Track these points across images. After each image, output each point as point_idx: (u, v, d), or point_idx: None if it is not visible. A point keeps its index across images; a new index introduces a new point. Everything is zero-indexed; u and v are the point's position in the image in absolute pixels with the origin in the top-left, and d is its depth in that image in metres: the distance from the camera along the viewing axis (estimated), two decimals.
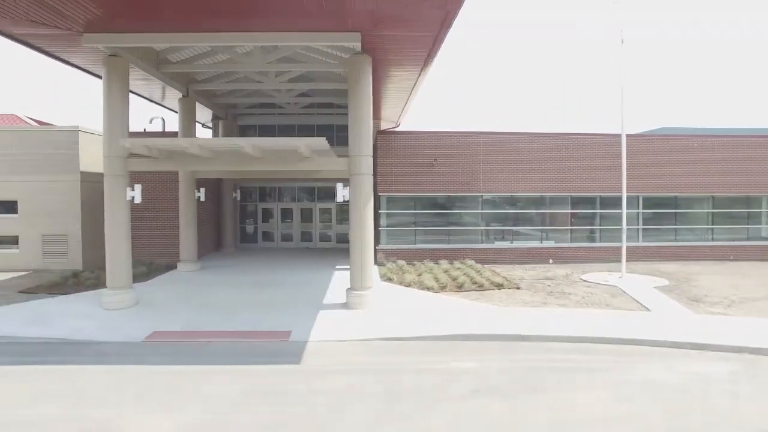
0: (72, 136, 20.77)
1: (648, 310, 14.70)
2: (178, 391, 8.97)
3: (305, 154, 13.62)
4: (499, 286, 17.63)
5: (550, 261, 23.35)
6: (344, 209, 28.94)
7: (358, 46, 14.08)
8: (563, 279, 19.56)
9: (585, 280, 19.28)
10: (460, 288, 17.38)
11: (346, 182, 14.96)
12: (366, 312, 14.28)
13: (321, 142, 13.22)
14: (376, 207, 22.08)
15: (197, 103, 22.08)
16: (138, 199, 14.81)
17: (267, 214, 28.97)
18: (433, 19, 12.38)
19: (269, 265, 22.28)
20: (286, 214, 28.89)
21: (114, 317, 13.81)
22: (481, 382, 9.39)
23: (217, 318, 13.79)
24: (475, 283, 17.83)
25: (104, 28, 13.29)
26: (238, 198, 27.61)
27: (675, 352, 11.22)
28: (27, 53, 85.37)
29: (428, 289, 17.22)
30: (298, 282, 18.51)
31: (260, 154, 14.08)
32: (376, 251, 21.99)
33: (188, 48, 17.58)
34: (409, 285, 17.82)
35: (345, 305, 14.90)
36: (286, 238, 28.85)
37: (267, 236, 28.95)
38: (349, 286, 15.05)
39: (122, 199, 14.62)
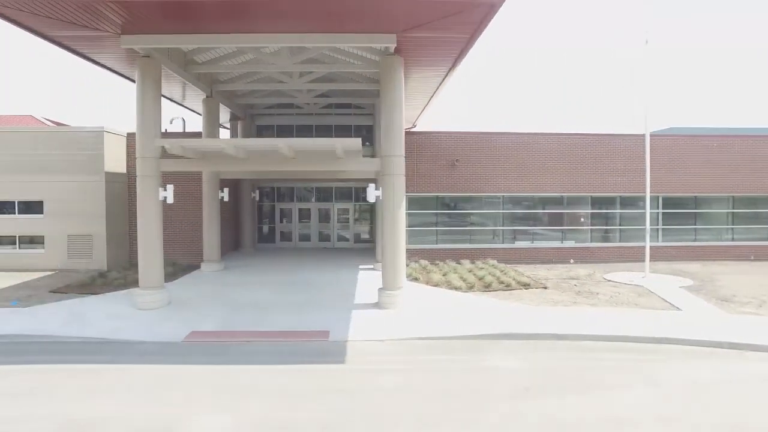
0: (97, 136, 20.85)
1: (679, 309, 14.74)
2: (232, 391, 9.02)
3: (340, 154, 13.68)
4: (526, 285, 17.69)
5: (571, 261, 23.39)
6: (362, 209, 29.09)
7: (391, 47, 14.14)
8: (587, 278, 19.61)
9: (609, 280, 19.32)
10: (487, 288, 17.43)
11: (370, 182, 15.01)
12: (398, 311, 14.34)
13: (356, 142, 13.30)
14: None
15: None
16: (170, 200, 14.88)
17: (284, 214, 29.05)
18: (472, 20, 12.44)
19: (292, 266, 22.35)
20: (304, 214, 28.97)
21: (149, 317, 13.88)
22: (529, 381, 9.44)
23: (251, 318, 13.86)
24: (502, 282, 17.89)
25: (142, 30, 13.37)
26: (257, 198, 27.69)
27: (716, 352, 11.25)
28: (40, 55, 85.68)
29: (456, 288, 17.29)
30: (324, 282, 18.57)
31: (294, 155, 14.15)
32: None
33: (215, 49, 17.65)
34: (436, 285, 17.88)
35: (377, 305, 14.96)
36: (304, 238, 28.92)
37: (284, 236, 29.02)
38: (381, 286, 15.11)
39: (155, 199, 14.68)
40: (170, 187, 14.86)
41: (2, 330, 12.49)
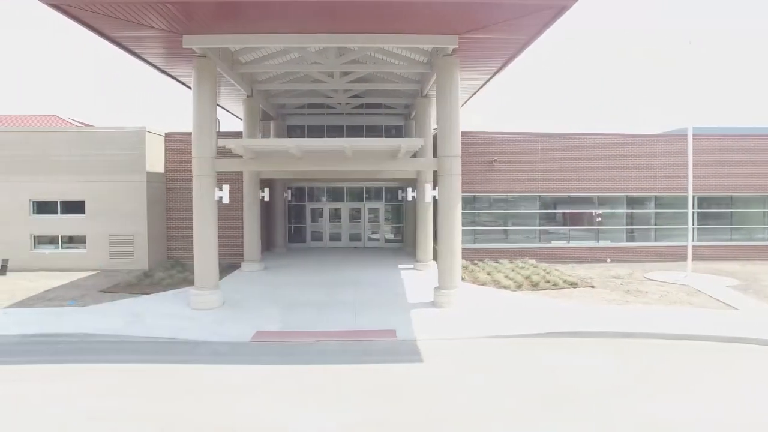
0: (139, 136, 20.88)
1: (735, 308, 14.68)
2: (321, 391, 9.00)
3: (401, 154, 13.69)
4: (574, 284, 17.68)
5: (608, 260, 23.35)
6: (392, 209, 29.08)
7: (450, 48, 14.15)
8: (629, 278, 19.58)
9: (652, 279, 19.28)
10: (535, 287, 17.42)
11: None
12: (456, 310, 14.34)
13: (419, 142, 13.31)
14: (436, 207, 22.14)
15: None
16: (226, 200, 14.88)
17: (315, 214, 29.08)
18: (537, 22, 12.45)
19: (331, 265, 22.36)
20: (335, 214, 28.99)
21: (208, 317, 13.89)
22: (617, 380, 9.42)
23: (310, 318, 13.85)
24: (549, 281, 17.88)
25: (203, 30, 13.40)
26: (289, 198, 27.72)
27: None
28: (57, 55, 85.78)
29: (504, 287, 17.28)
30: (370, 281, 18.56)
31: (352, 155, 14.16)
32: (435, 251, 22.10)
33: (261, 48, 17.69)
34: (483, 284, 17.88)
35: (432, 304, 14.96)
36: (335, 237, 28.94)
37: (314, 236, 29.04)
38: (437, 285, 15.11)
39: (211, 199, 14.69)
40: (226, 188, 14.88)
41: (71, 329, 12.53)
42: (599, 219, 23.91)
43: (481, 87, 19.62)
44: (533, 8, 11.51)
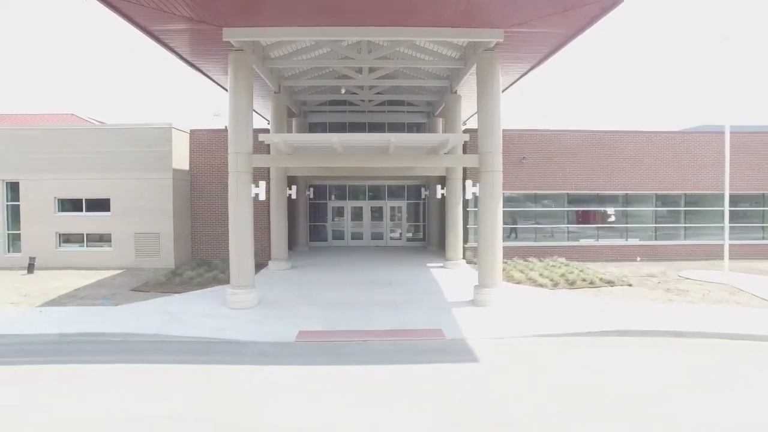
0: (165, 133, 20.61)
1: None
2: (383, 393, 8.68)
3: (446, 149, 13.39)
4: (611, 283, 17.35)
5: (638, 259, 23.01)
6: (415, 208, 28.80)
7: (493, 42, 13.84)
8: (663, 276, 19.22)
9: (687, 278, 18.93)
10: (572, 285, 17.10)
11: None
12: (498, 309, 14.03)
13: (463, 137, 13.02)
14: (464, 205, 21.87)
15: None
16: (262, 196, 14.64)
17: (337, 213, 28.81)
18: (587, 15, 12.14)
19: (357, 264, 22.07)
20: (356, 213, 28.71)
21: (246, 316, 13.60)
22: (674, 379, 9.08)
23: (352, 317, 13.56)
24: (585, 280, 17.55)
25: (243, 23, 13.12)
26: (311, 196, 27.45)
27: None
28: (66, 54, 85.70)
29: (541, 286, 16.96)
30: (403, 280, 18.26)
31: (393, 151, 13.86)
32: (464, 249, 21.83)
33: (291, 43, 17.43)
34: (518, 282, 17.56)
35: (473, 302, 14.66)
36: (356, 236, 28.66)
37: (336, 234, 28.77)
38: (477, 284, 14.81)
39: (248, 196, 14.41)
40: (262, 184, 14.63)
41: (110, 328, 12.26)
42: (612, 218, 23.58)
43: (512, 84, 19.26)
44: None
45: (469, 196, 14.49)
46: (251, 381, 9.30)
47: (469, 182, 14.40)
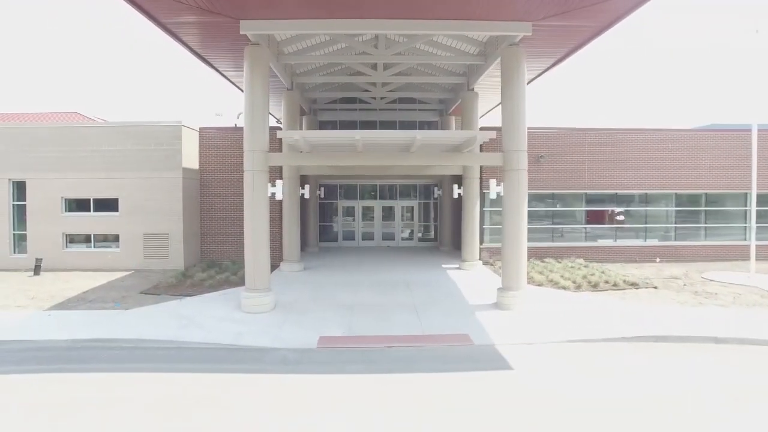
0: (175, 131, 20.09)
1: None
2: (427, 404, 8.18)
3: (474, 147, 12.87)
4: (635, 285, 16.84)
5: (657, 260, 22.48)
6: (427, 207, 28.28)
7: (518, 36, 13.34)
8: (687, 278, 18.70)
9: (712, 280, 18.40)
10: (595, 287, 16.60)
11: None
12: (524, 313, 13.52)
13: (489, 134, 12.51)
14: (481, 205, 21.36)
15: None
16: (279, 196, 14.13)
17: (347, 212, 28.29)
18: (619, 6, 11.63)
19: (371, 265, 21.56)
20: (367, 213, 28.19)
21: (263, 321, 13.11)
22: (734, 389, 8.59)
23: (372, 321, 13.06)
24: (608, 282, 17.05)
25: (260, 15, 12.62)
26: (321, 195, 26.94)
27: None
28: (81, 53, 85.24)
29: (563, 288, 16.48)
30: (420, 282, 17.76)
31: (416, 149, 13.35)
32: (480, 250, 21.32)
33: (306, 38, 16.92)
34: (540, 284, 17.05)
35: (496, 305, 14.17)
36: (367, 236, 28.14)
37: (346, 235, 28.25)
38: (500, 286, 14.32)
39: (264, 195, 13.89)
40: (279, 183, 14.12)
41: (123, 333, 11.77)
42: (621, 217, 23.04)
43: (531, 81, 18.72)
44: None
45: (493, 195, 13.94)
46: (279, 392, 8.79)
47: (492, 181, 13.86)
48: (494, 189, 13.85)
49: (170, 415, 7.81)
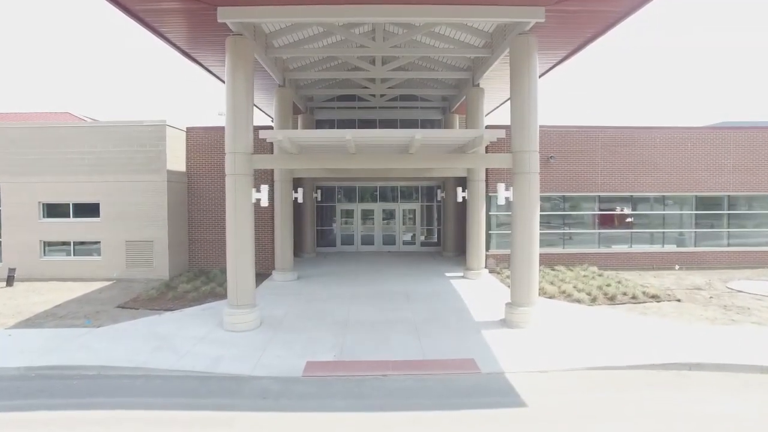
0: (158, 131, 18.77)
1: None
2: None
3: (476, 147, 11.50)
4: (656, 297, 15.43)
5: (676, 267, 21.02)
6: (429, 210, 26.93)
7: (530, 24, 11.95)
8: (711, 289, 17.24)
9: (740, 291, 16.93)
10: (612, 300, 15.21)
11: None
12: (536, 332, 12.14)
13: (499, 132, 11.14)
14: (487, 208, 19.97)
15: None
16: (264, 202, 12.77)
17: (346, 216, 26.93)
18: None
19: (370, 274, 20.19)
20: (367, 216, 26.82)
21: (246, 341, 11.79)
22: None
23: (366, 341, 11.72)
24: (626, 294, 15.63)
25: (239, 1, 11.28)
26: (318, 199, 25.61)
27: None
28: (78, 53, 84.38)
29: (577, 301, 15.08)
30: (421, 294, 16.38)
31: (418, 149, 11.97)
32: (486, 257, 19.94)
33: (298, 30, 15.59)
34: (551, 296, 15.66)
35: (504, 323, 12.81)
36: (367, 241, 26.78)
37: (345, 239, 26.89)
38: (509, 301, 12.95)
39: (247, 202, 12.55)
40: (264, 188, 12.77)
41: (85, 359, 10.46)
42: (630, 219, 21.58)
43: (542, 75, 17.28)
44: None
45: (501, 201, 12.56)
46: None
47: (501, 186, 12.48)
48: (502, 194, 12.47)
49: None
